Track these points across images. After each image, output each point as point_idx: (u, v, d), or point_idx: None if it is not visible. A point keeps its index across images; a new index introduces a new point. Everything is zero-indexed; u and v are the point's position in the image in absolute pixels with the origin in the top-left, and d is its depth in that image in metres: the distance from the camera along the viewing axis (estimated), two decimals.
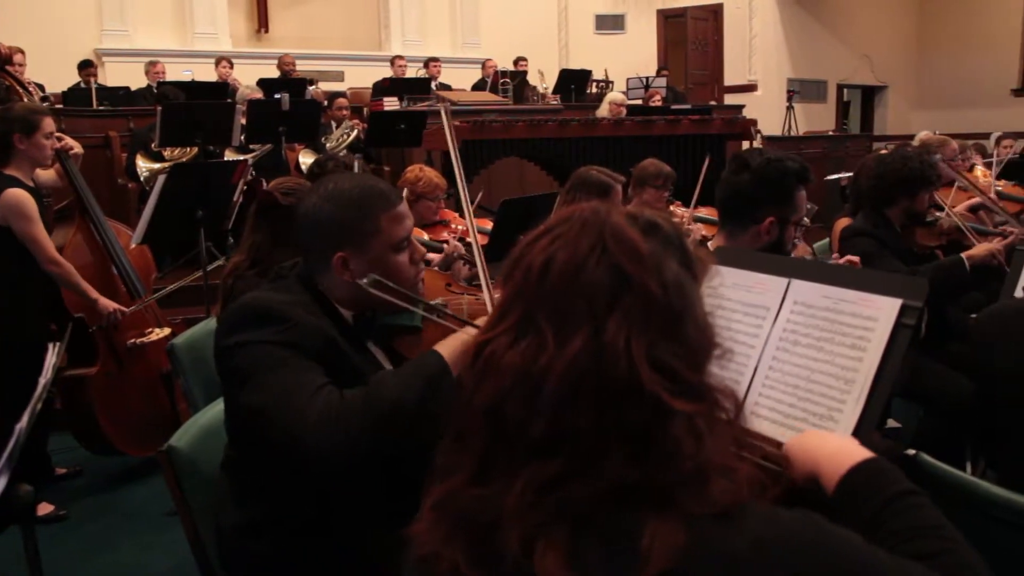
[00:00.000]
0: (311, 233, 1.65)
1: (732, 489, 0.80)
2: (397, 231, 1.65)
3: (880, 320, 1.44)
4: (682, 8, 13.48)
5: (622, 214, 0.88)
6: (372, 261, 1.62)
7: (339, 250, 1.61)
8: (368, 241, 1.62)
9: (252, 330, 1.52)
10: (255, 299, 1.59)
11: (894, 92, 14.93)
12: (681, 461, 0.79)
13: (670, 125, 7.36)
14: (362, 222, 1.61)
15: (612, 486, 0.78)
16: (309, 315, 1.56)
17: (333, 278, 1.64)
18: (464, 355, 1.42)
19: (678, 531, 0.76)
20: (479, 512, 0.82)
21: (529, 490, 0.79)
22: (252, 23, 12.35)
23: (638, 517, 0.78)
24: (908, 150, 3.55)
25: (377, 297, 1.58)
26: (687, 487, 0.79)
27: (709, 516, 0.78)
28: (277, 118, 6.12)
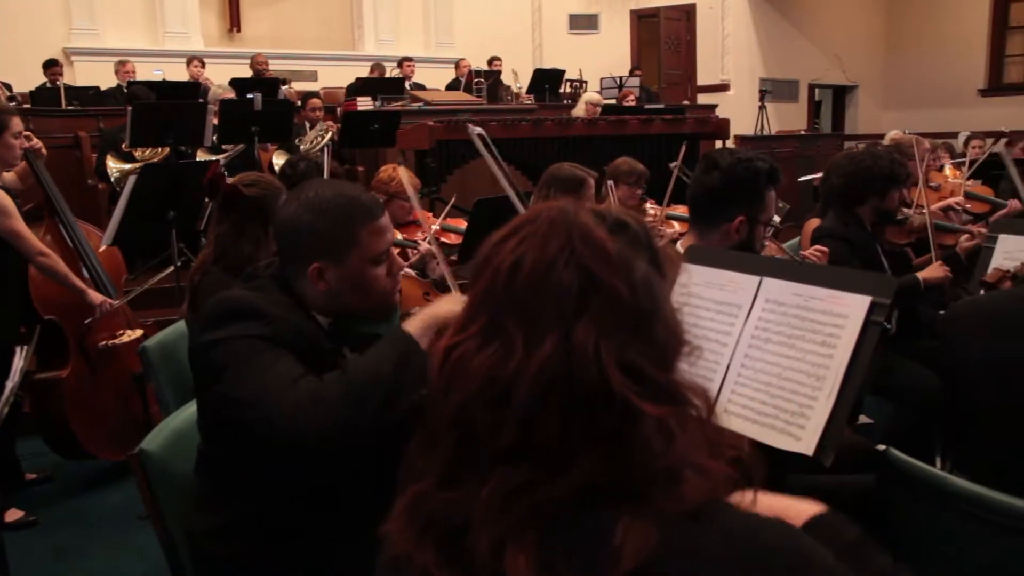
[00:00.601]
0: (289, 241, 1.64)
1: (705, 486, 0.80)
2: (376, 244, 1.63)
3: (850, 317, 1.46)
4: (655, 8, 13.54)
5: (590, 213, 0.87)
6: (349, 272, 1.61)
7: (316, 260, 1.60)
8: (346, 253, 1.60)
9: (229, 326, 1.51)
10: (232, 296, 1.58)
11: (864, 92, 15.08)
12: (652, 460, 0.79)
13: (643, 125, 7.39)
14: (341, 234, 1.60)
15: (582, 488, 0.78)
16: (288, 312, 1.56)
17: (309, 287, 1.63)
18: (428, 329, 1.46)
19: (650, 529, 0.75)
20: (448, 515, 0.81)
21: (498, 495, 0.78)
22: (224, 22, 12.26)
23: (609, 516, 0.77)
24: (878, 149, 3.59)
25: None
26: (659, 485, 0.78)
27: (682, 514, 0.77)
28: (250, 118, 6.08)
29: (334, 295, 1.62)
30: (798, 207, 6.79)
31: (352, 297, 1.63)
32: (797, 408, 1.48)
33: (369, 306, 1.68)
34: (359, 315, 1.70)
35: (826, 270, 1.56)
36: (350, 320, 1.71)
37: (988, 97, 13.65)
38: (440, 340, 0.87)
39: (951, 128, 10.73)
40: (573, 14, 14.05)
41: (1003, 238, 2.52)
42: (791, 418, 1.47)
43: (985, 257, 2.56)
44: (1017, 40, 13.79)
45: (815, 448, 1.45)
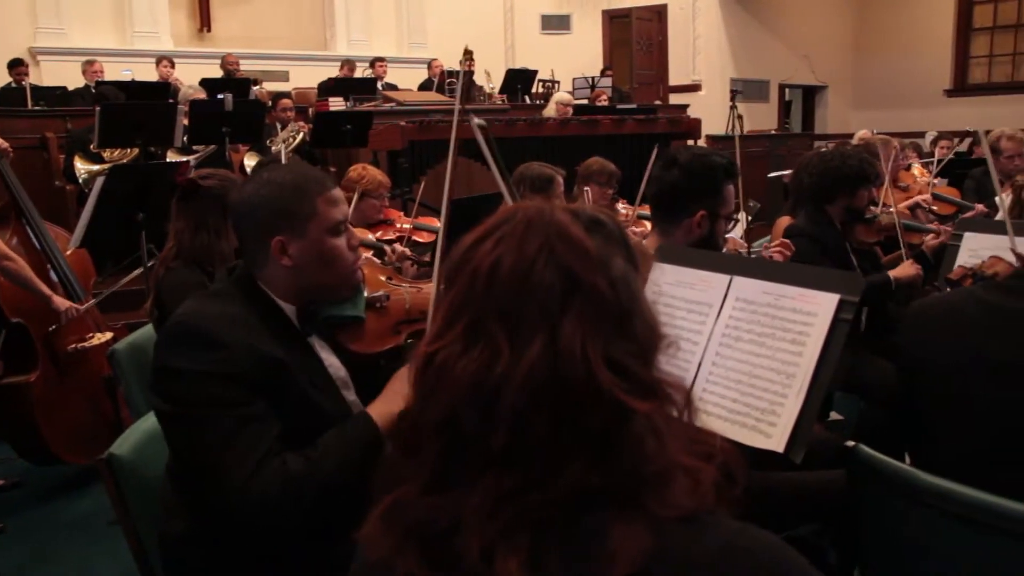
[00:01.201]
0: (248, 220, 1.65)
1: (697, 491, 0.80)
2: (333, 213, 1.65)
3: (819, 315, 1.48)
4: (627, 9, 13.59)
5: (565, 212, 0.87)
6: (310, 244, 1.63)
7: (277, 234, 1.61)
8: (305, 224, 1.62)
9: (188, 354, 1.50)
10: (193, 317, 1.56)
11: (833, 92, 15.24)
12: (644, 463, 0.79)
13: (615, 125, 7.42)
14: (298, 205, 1.62)
15: (574, 491, 0.77)
16: (247, 333, 1.54)
17: (273, 268, 1.64)
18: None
19: (644, 534, 0.75)
20: (434, 519, 0.80)
21: (488, 499, 0.77)
22: (194, 22, 12.14)
23: (602, 520, 0.76)
24: (848, 148, 3.63)
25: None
26: (651, 489, 0.78)
27: (675, 520, 0.77)
28: (220, 119, 6.02)
29: (299, 271, 1.63)
30: (769, 206, 6.85)
31: (316, 271, 1.65)
32: (767, 406, 1.49)
33: (334, 280, 1.69)
34: (324, 295, 1.72)
35: (795, 268, 1.58)
36: (316, 304, 1.72)
37: (954, 97, 13.86)
38: (419, 346, 0.86)
39: (918, 128, 10.89)
40: (545, 14, 14.07)
41: (968, 236, 2.56)
42: (762, 415, 1.49)
43: (951, 255, 2.60)
44: (981, 41, 14.02)
45: (785, 445, 1.47)
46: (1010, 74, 13.78)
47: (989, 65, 14.00)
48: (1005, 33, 13.79)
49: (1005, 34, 13.79)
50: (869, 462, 1.54)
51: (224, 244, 2.56)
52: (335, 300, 1.77)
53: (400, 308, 1.89)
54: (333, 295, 1.74)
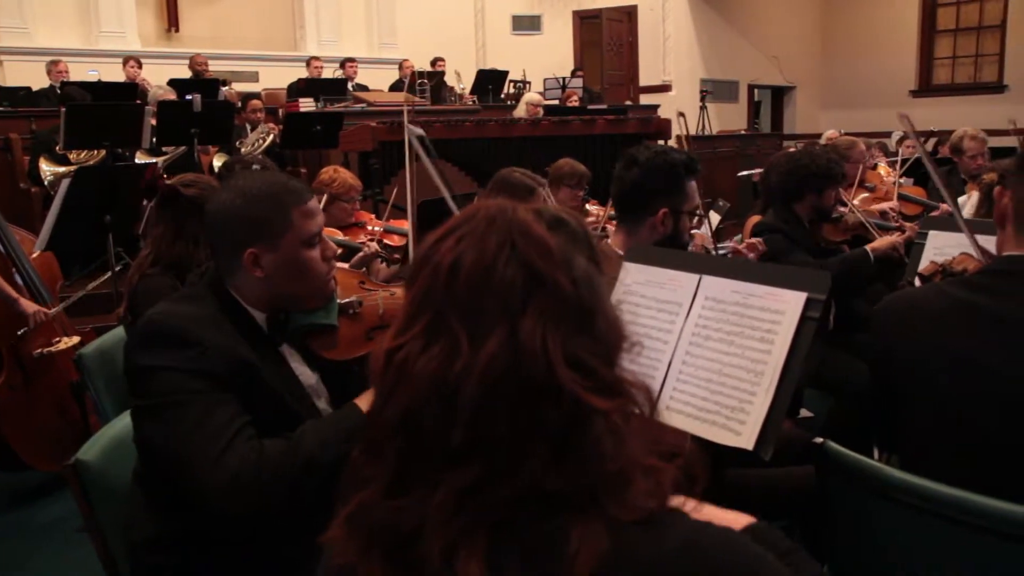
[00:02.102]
0: (221, 230, 1.63)
1: (656, 492, 0.80)
2: (309, 226, 1.63)
3: (787, 313, 1.50)
4: (597, 9, 13.64)
5: (528, 210, 0.86)
6: (283, 256, 1.61)
7: (249, 246, 1.59)
8: (279, 236, 1.60)
9: (162, 352, 1.49)
10: (164, 316, 1.55)
11: (802, 92, 15.40)
12: (602, 462, 0.78)
13: (586, 125, 7.44)
14: (273, 217, 1.60)
15: (533, 491, 0.77)
16: (219, 333, 1.53)
17: (244, 277, 1.62)
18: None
19: (602, 536, 0.75)
20: (398, 523, 0.79)
21: (449, 499, 0.77)
22: (162, 22, 12.01)
23: (561, 522, 0.76)
24: (816, 148, 3.68)
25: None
26: (610, 490, 0.78)
27: (634, 522, 0.77)
28: (189, 120, 5.97)
29: (271, 282, 1.61)
30: (739, 205, 6.91)
31: (289, 283, 1.63)
32: (737, 403, 1.51)
33: (306, 292, 1.67)
34: (296, 305, 1.70)
35: (763, 267, 1.60)
36: (287, 313, 1.71)
37: (919, 98, 14.07)
38: (380, 343, 0.85)
39: (885, 127, 11.02)
40: (516, 15, 14.08)
41: (933, 234, 2.60)
42: (731, 413, 1.50)
43: (916, 252, 2.64)
44: (945, 43, 14.25)
45: (755, 442, 1.48)
46: (973, 75, 14.01)
47: (952, 66, 14.23)
48: (967, 35, 14.02)
49: (967, 36, 14.03)
50: (837, 458, 1.55)
51: (203, 253, 2.54)
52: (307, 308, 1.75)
53: (373, 314, 1.86)
54: (305, 305, 1.72)
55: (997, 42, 13.62)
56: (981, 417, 1.52)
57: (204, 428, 1.43)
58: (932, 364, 1.58)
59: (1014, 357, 1.49)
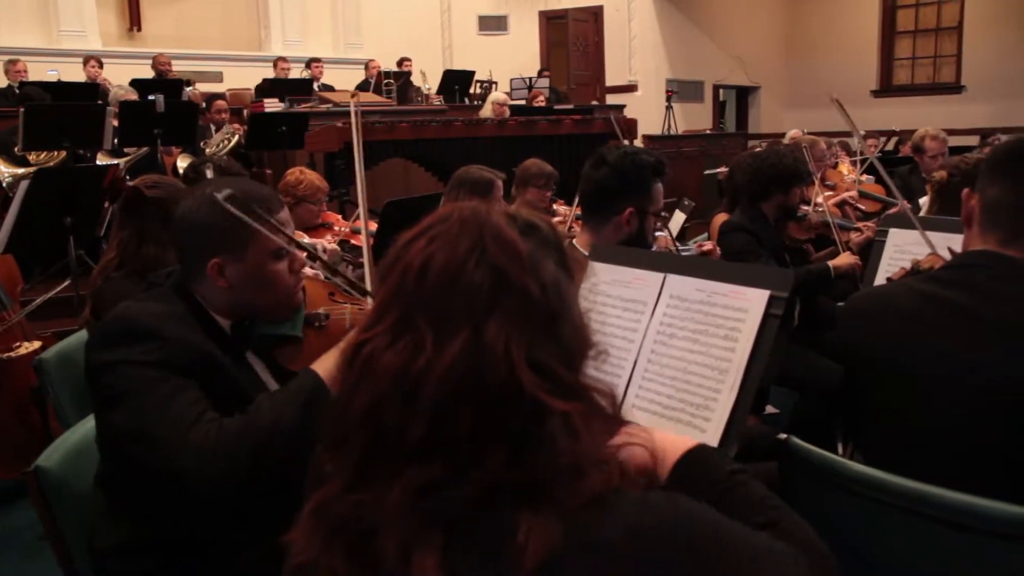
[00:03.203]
0: (187, 237, 1.60)
1: (604, 478, 0.81)
2: (276, 238, 1.60)
3: (750, 311, 1.51)
4: (563, 10, 13.67)
5: (501, 214, 0.88)
6: (249, 267, 1.58)
7: (214, 256, 1.57)
8: (245, 248, 1.58)
9: (123, 348, 1.47)
10: (127, 312, 1.53)
11: (766, 92, 15.56)
12: (556, 458, 0.80)
13: (553, 125, 7.46)
14: (240, 229, 1.56)
15: (488, 487, 0.78)
16: (183, 329, 1.51)
17: (209, 285, 1.60)
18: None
19: (552, 523, 0.76)
20: (357, 518, 0.80)
21: (407, 495, 0.78)
22: (123, 21, 11.84)
23: (512, 515, 0.77)
24: (781, 147, 3.72)
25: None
26: (562, 482, 0.79)
27: (581, 505, 0.78)
28: (152, 120, 5.90)
29: (236, 292, 1.59)
30: (704, 204, 6.96)
31: (254, 294, 1.61)
32: (702, 401, 1.52)
33: (272, 304, 1.65)
34: (260, 316, 1.68)
35: (727, 266, 1.61)
36: (252, 321, 1.68)
37: (880, 98, 14.28)
38: (348, 338, 0.87)
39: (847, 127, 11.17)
40: (482, 15, 14.07)
41: (893, 232, 2.63)
42: (696, 411, 1.51)
43: (877, 250, 2.67)
44: (904, 44, 14.48)
45: (720, 439, 1.49)
46: (932, 76, 14.26)
47: (912, 67, 14.46)
48: (926, 36, 14.26)
49: (926, 37, 14.27)
50: (800, 453, 1.57)
51: (168, 256, 2.50)
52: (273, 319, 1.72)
53: (340, 328, 1.83)
54: (270, 317, 1.69)
55: (954, 43, 13.87)
56: (949, 410, 1.54)
57: (167, 409, 1.41)
58: (898, 358, 1.60)
59: (980, 349, 1.52)
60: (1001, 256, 1.57)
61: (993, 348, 1.51)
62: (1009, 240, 1.57)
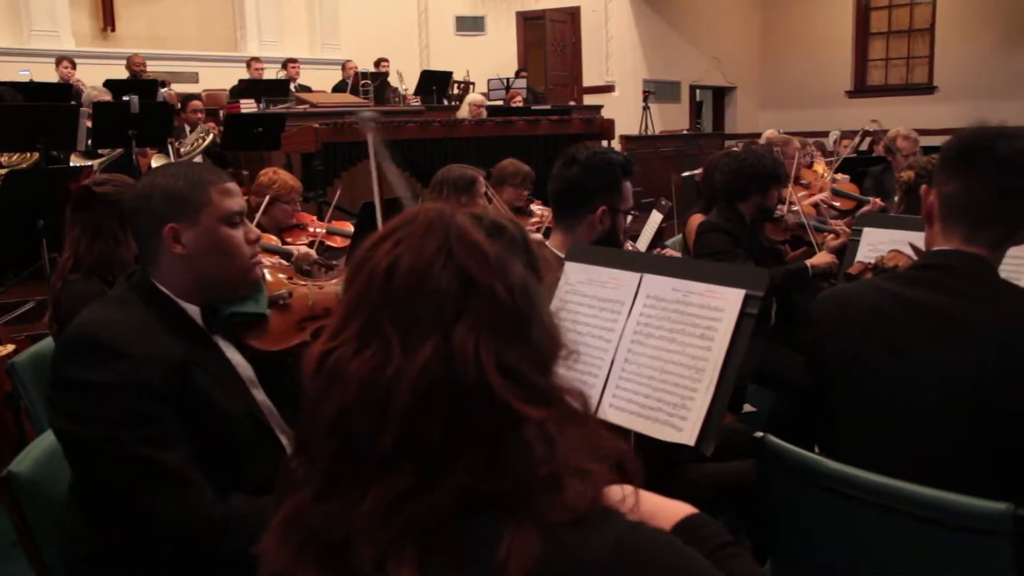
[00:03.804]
0: (141, 212, 1.63)
1: (587, 493, 0.80)
2: (228, 203, 1.64)
3: (726, 310, 1.52)
4: (541, 11, 13.68)
5: (467, 215, 0.86)
6: (203, 233, 1.61)
7: (169, 221, 1.59)
8: (198, 212, 1.61)
9: (90, 368, 1.46)
10: (90, 325, 1.52)
11: (742, 93, 15.66)
12: (533, 467, 0.78)
13: (530, 125, 7.47)
14: (191, 193, 1.61)
15: (464, 496, 0.77)
16: (147, 338, 1.51)
17: (167, 260, 1.61)
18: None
19: (533, 539, 0.75)
20: (328, 529, 0.79)
21: (379, 505, 0.77)
22: (97, 21, 11.72)
23: (492, 526, 0.76)
24: (759, 148, 3.74)
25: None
26: (541, 492, 0.78)
27: (565, 523, 0.77)
28: (126, 121, 5.85)
29: (194, 263, 1.61)
30: (681, 204, 6.99)
31: (211, 262, 1.63)
32: (679, 400, 1.53)
33: (230, 274, 1.67)
34: (223, 290, 1.69)
35: (703, 265, 1.62)
36: (219, 303, 1.70)
37: (854, 98, 14.41)
38: (314, 345, 0.85)
39: (822, 127, 11.27)
40: (460, 16, 14.06)
41: (867, 231, 2.66)
42: (673, 410, 1.52)
43: (851, 250, 2.70)
44: (878, 45, 14.63)
45: (696, 438, 1.50)
46: (905, 76, 14.40)
47: (886, 68, 14.61)
48: (899, 38, 14.42)
49: (899, 38, 14.42)
50: (776, 451, 1.59)
51: (124, 252, 2.48)
52: (236, 298, 1.74)
53: (303, 305, 1.87)
54: (233, 291, 1.70)
55: (927, 45, 14.02)
56: (916, 407, 1.56)
57: (139, 475, 1.43)
58: (868, 357, 1.62)
59: (947, 348, 1.54)
60: (965, 254, 1.59)
61: (960, 346, 1.53)
62: (970, 237, 1.59)
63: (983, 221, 1.58)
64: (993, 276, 1.60)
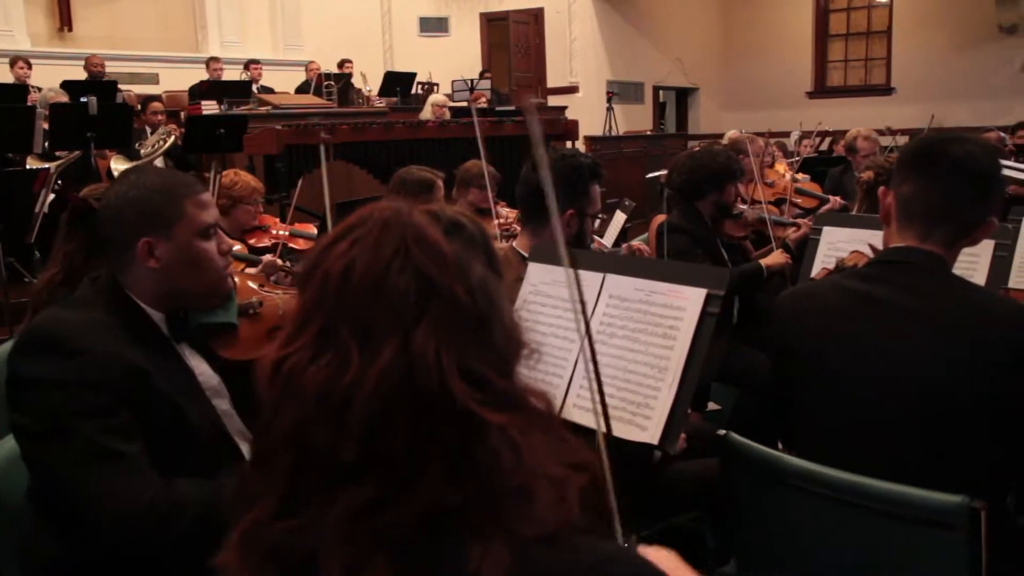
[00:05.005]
0: (114, 223, 1.61)
1: (560, 506, 0.77)
2: (202, 216, 1.63)
3: (687, 310, 1.54)
4: (504, 12, 13.69)
5: (423, 214, 0.83)
6: (177, 247, 1.59)
7: (143, 235, 1.57)
8: (172, 226, 1.59)
9: (46, 364, 1.44)
10: (49, 323, 1.50)
11: (705, 94, 15.80)
12: (502, 477, 0.76)
13: (494, 126, 7.46)
14: (165, 207, 1.59)
15: (433, 508, 0.74)
16: (108, 340, 1.49)
17: (138, 271, 1.59)
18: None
19: (505, 556, 0.73)
20: (292, 544, 0.76)
21: (344, 518, 0.74)
22: (53, 21, 11.51)
23: (462, 541, 0.74)
24: (716, 147, 3.79)
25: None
26: (512, 505, 0.75)
27: (538, 539, 0.75)
28: (85, 123, 5.76)
29: (167, 276, 1.59)
30: (645, 205, 7.03)
31: (184, 275, 1.61)
32: (642, 399, 1.54)
33: (203, 287, 1.65)
34: (193, 302, 1.68)
35: (665, 265, 1.64)
36: (187, 311, 1.68)
37: (814, 99, 14.61)
38: (267, 352, 0.81)
39: (784, 127, 11.40)
40: (423, 17, 14.02)
41: (827, 230, 2.70)
42: (637, 409, 1.53)
43: (812, 248, 2.74)
44: (837, 47, 14.85)
45: (660, 437, 1.52)
46: (863, 77, 14.63)
47: (845, 69, 14.83)
48: (857, 40, 14.64)
49: (857, 40, 14.65)
50: (739, 449, 1.60)
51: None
52: (206, 308, 1.72)
53: (273, 314, 1.86)
54: (203, 302, 1.69)
55: (884, 47, 14.26)
56: (877, 401, 1.59)
57: (92, 464, 1.41)
58: (828, 353, 1.65)
59: (905, 342, 1.57)
60: (920, 251, 1.63)
61: (917, 341, 1.56)
62: (925, 235, 1.63)
63: (937, 220, 1.62)
64: (947, 272, 1.64)
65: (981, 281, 2.29)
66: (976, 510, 1.31)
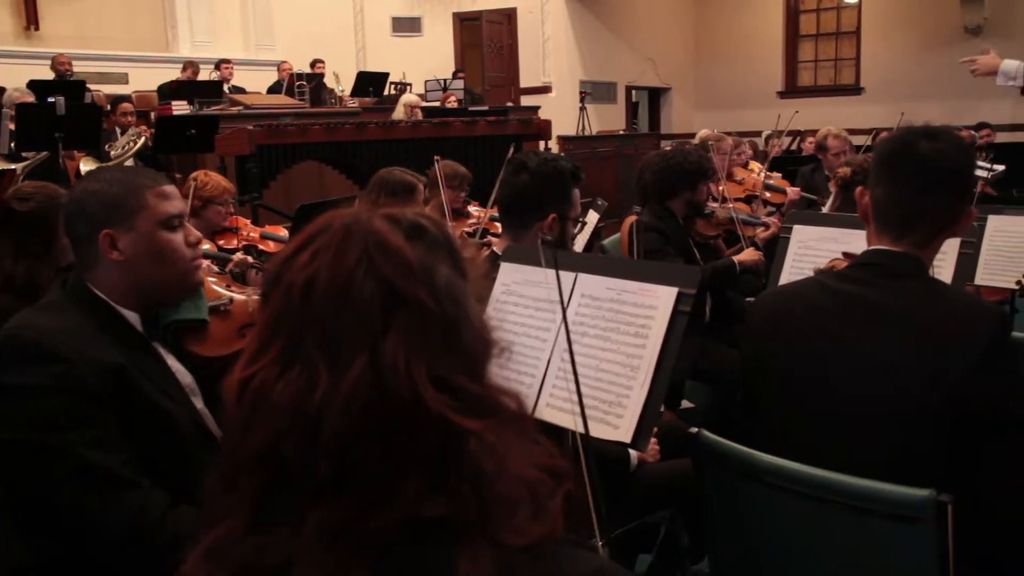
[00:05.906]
0: (77, 217, 1.59)
1: (545, 518, 0.77)
2: (164, 206, 1.62)
3: (659, 308, 1.54)
4: (477, 12, 13.68)
5: (384, 219, 0.81)
6: (140, 238, 1.58)
7: (104, 227, 1.56)
8: (134, 216, 1.58)
9: (24, 371, 1.42)
10: (24, 329, 1.48)
11: (677, 93, 15.88)
12: (485, 485, 0.75)
13: (467, 126, 7.45)
14: (126, 197, 1.58)
15: (414, 519, 0.73)
16: (87, 344, 1.47)
17: (104, 266, 1.57)
18: None
19: (490, 568, 0.72)
20: (263, 559, 0.74)
21: (321, 533, 0.72)
22: (19, 19, 11.34)
23: (447, 553, 0.73)
24: (687, 146, 3.82)
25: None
26: (496, 514, 0.75)
27: (525, 550, 0.74)
28: (52, 123, 5.68)
29: (132, 269, 1.58)
30: (618, 205, 7.06)
31: (149, 267, 1.60)
32: (614, 398, 1.54)
33: (169, 278, 1.64)
34: (163, 295, 1.66)
35: (636, 264, 1.65)
36: (158, 309, 1.67)
37: (785, 99, 14.71)
38: (233, 372, 0.79)
39: (755, 127, 11.49)
40: (396, 16, 13.97)
41: (797, 229, 2.71)
42: (609, 408, 1.54)
43: (782, 246, 2.75)
44: (807, 48, 14.99)
45: (632, 435, 1.52)
46: (833, 78, 14.78)
47: (815, 69, 14.97)
48: (827, 40, 14.78)
49: (827, 41, 14.79)
50: (711, 446, 1.62)
51: (46, 273, 2.35)
52: (177, 303, 1.71)
53: (243, 311, 1.85)
54: (172, 295, 1.68)
55: (854, 47, 14.41)
56: (850, 399, 1.61)
57: (77, 481, 1.39)
58: (807, 351, 1.66)
59: (878, 341, 1.59)
60: (895, 253, 1.65)
61: (890, 341, 1.58)
62: (900, 236, 1.65)
63: (910, 219, 1.65)
64: (921, 274, 1.66)
65: (947, 278, 2.32)
66: (943, 503, 1.33)
